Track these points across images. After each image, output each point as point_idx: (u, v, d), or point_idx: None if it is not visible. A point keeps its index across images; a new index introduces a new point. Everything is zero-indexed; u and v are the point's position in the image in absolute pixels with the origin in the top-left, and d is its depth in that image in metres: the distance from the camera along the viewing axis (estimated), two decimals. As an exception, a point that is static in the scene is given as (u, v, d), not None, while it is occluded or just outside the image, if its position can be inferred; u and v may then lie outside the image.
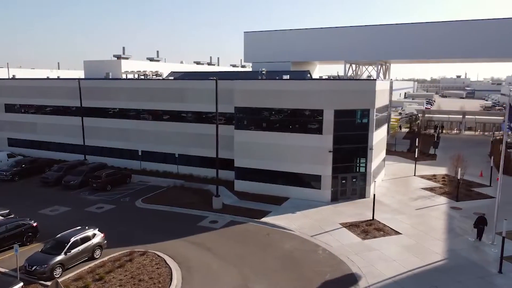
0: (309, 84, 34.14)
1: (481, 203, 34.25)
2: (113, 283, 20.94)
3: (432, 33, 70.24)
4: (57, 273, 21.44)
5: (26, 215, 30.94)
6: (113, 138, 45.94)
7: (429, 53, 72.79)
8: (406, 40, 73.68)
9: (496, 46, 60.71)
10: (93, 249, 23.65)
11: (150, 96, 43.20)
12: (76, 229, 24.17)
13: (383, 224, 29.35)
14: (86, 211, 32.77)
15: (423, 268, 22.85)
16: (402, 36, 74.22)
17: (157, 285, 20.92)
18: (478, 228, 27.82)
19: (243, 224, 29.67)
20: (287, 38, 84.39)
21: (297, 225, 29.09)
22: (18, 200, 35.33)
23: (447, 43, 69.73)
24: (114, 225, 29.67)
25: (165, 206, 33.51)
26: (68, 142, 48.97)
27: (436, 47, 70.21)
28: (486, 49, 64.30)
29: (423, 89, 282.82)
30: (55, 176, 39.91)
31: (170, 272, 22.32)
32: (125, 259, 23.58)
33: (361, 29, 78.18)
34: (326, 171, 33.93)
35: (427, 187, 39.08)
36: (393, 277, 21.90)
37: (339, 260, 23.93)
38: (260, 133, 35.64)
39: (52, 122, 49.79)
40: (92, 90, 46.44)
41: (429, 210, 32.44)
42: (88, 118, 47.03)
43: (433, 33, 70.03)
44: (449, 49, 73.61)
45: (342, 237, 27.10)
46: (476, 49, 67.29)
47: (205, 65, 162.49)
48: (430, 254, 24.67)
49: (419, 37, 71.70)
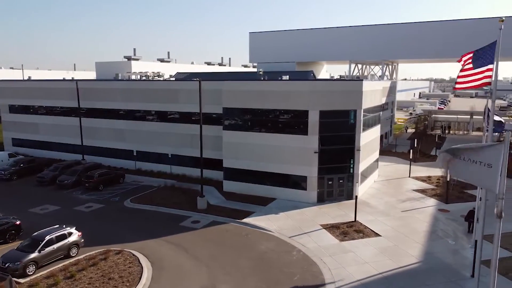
0: (294, 85, 34.06)
1: (472, 206, 33.51)
2: (83, 281, 21.36)
3: (440, 32, 69.11)
4: (30, 271, 22.00)
5: (16, 213, 31.90)
6: (110, 138, 46.72)
7: (437, 53, 71.67)
8: (412, 40, 72.66)
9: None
10: (69, 247, 24.15)
11: (143, 97, 43.76)
12: (53, 227, 24.73)
13: (365, 226, 29.09)
14: (75, 210, 33.44)
15: (394, 271, 22.59)
16: (408, 35, 73.24)
17: (125, 283, 21.26)
18: (469, 221, 28.27)
19: (224, 225, 29.82)
20: (292, 39, 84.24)
21: (277, 226, 29.09)
22: (11, 199, 36.31)
23: (456, 42, 68.48)
24: (98, 224, 30.23)
25: (152, 206, 33.93)
26: (67, 142, 50.02)
27: (444, 46, 69.01)
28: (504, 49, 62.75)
29: (440, 89, 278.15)
30: (50, 175, 40.84)
31: (141, 271, 22.64)
32: (100, 257, 24.01)
33: (365, 29, 77.45)
34: (312, 172, 33.80)
35: (419, 188, 38.53)
36: (362, 279, 21.71)
37: (312, 262, 23.85)
38: (247, 134, 35.74)
39: (53, 123, 50.94)
40: (89, 91, 47.30)
41: (415, 212, 31.99)
42: (85, 119, 47.95)
43: (441, 32, 68.90)
44: (458, 48, 72.25)
45: (320, 239, 26.98)
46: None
47: (216, 65, 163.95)
48: (406, 257, 24.36)
49: (426, 36, 70.62)
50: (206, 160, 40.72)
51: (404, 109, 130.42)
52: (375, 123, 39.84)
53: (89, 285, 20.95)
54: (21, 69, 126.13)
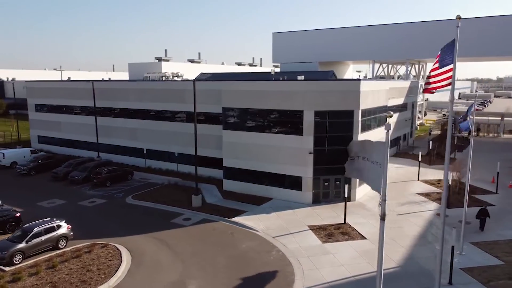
0: (289, 85, 33.98)
1: (472, 211, 32.12)
2: (63, 271, 22.46)
3: (469, 29, 66.28)
4: (17, 260, 23.40)
5: (25, 206, 34.02)
6: (123, 137, 48.44)
7: (466, 51, 68.82)
8: (439, 38, 70.05)
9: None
10: (58, 239, 25.42)
11: (152, 97, 45.06)
12: (44, 220, 26.12)
13: (353, 228, 28.61)
14: (79, 205, 35.03)
15: (368, 275, 22.16)
16: (434, 33, 70.91)
17: (101, 275, 22.15)
18: (480, 219, 28.52)
19: (213, 223, 30.27)
20: (315, 38, 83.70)
21: (264, 226, 29.19)
22: (24, 192, 38.55)
23: (485, 41, 65.60)
24: (96, 218, 31.56)
25: (150, 202, 34.93)
26: (85, 140, 52.31)
27: (474, 44, 66.26)
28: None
29: (483, 89, 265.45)
30: (63, 171, 42.94)
31: (119, 264, 23.48)
32: (85, 250, 25.11)
33: (389, 28, 75.67)
34: (307, 172, 33.59)
35: (424, 192, 37.31)
36: (332, 281, 21.47)
37: (288, 262, 23.81)
38: (246, 134, 36.01)
39: (73, 121, 53.43)
40: (104, 91, 49.25)
41: (410, 216, 31.07)
42: (101, 118, 49.96)
43: (470, 30, 66.06)
44: (487, 46, 69.22)
45: (304, 239, 26.83)
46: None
47: (246, 66, 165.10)
48: (385, 261, 23.70)
49: (453, 35, 67.86)
50: (209, 159, 41.56)
51: (438, 110, 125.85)
52: (381, 124, 38.91)
53: (67, 276, 22.01)
54: (61, 70, 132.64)
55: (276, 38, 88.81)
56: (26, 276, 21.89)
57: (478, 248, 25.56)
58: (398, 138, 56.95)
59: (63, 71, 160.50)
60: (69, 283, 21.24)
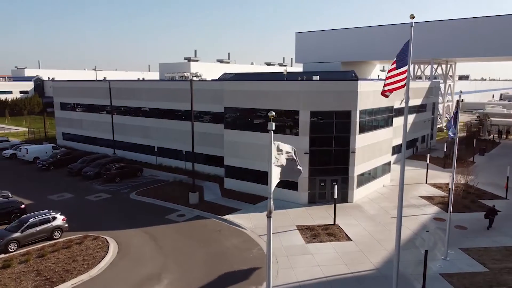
0: (286, 85, 34.06)
1: (473, 216, 31.10)
2: (50, 260, 23.81)
3: (496, 27, 63.54)
4: (12, 248, 25.02)
5: (36, 198, 36.14)
6: (137, 135, 50.14)
7: (494, 51, 65.90)
8: (467, 36, 67.66)
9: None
10: (53, 230, 26.90)
11: (163, 96, 46.37)
12: (41, 212, 27.72)
13: (341, 229, 28.40)
14: (85, 199, 36.73)
15: (341, 276, 22.03)
16: (461, 32, 68.31)
17: (84, 265, 23.30)
18: (489, 218, 28.69)
19: (205, 220, 30.94)
20: (337, 38, 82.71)
21: (253, 224, 29.51)
22: (39, 185, 40.83)
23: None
24: (96, 211, 33.03)
25: (151, 199, 36.08)
26: (103, 137, 54.53)
27: (502, 42, 63.33)
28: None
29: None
30: (78, 167, 45.05)
31: (105, 256, 24.57)
32: (77, 241, 26.44)
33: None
34: (303, 172, 33.48)
35: (428, 195, 36.31)
36: (302, 281, 21.53)
37: (265, 261, 24.02)
38: (245, 133, 36.44)
39: (92, 119, 55.85)
40: (120, 91, 51.15)
41: (406, 220, 30.34)
42: (116, 116, 51.92)
43: (496, 27, 63.27)
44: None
45: (288, 239, 26.94)
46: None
47: (276, 66, 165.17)
48: (364, 263, 23.53)
49: (482, 32, 65.22)
50: (214, 157, 42.34)
51: (474, 111, 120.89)
52: (384, 125, 38.20)
53: (53, 265, 23.32)
54: (96, 70, 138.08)
55: (299, 38, 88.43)
56: (16, 263, 23.39)
57: (466, 254, 24.74)
58: (414, 140, 55.47)
59: (102, 71, 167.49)
60: (53, 272, 22.51)
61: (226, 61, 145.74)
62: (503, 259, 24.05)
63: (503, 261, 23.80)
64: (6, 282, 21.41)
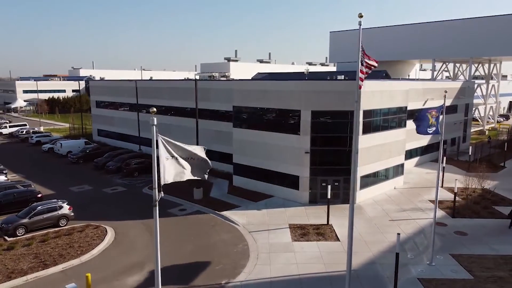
0: (288, 85, 34.23)
1: (478, 222, 29.70)
2: (50, 246, 25.80)
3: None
4: (20, 232, 27.35)
5: (58, 189, 38.97)
6: (159, 132, 52.12)
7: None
8: (509, 34, 63.64)
9: None
10: (59, 218, 29.03)
11: (182, 95, 48.01)
12: (50, 201, 29.99)
13: (333, 230, 28.26)
14: (102, 191, 39.05)
15: (315, 275, 22.08)
16: (502, 30, 64.43)
17: (79, 251, 25.06)
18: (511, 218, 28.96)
19: (203, 215, 31.93)
20: (372, 37, 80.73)
21: (247, 221, 30.06)
22: (64, 177, 43.87)
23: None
24: (106, 203, 35.09)
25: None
26: (131, 134, 57.33)
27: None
28: None
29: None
30: (102, 161, 47.83)
31: (100, 244, 26.24)
32: (79, 229, 28.39)
33: (451, 24, 70.36)
34: (304, 172, 33.61)
35: (438, 199, 34.87)
36: (274, 277, 21.83)
37: (247, 256, 24.59)
38: (251, 132, 37.03)
39: (122, 117, 58.87)
40: (145, 90, 53.58)
41: (403, 223, 29.62)
42: (142, 114, 54.40)
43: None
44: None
45: (276, 237, 27.23)
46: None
47: (317, 65, 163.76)
48: (343, 264, 23.05)
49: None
50: (225, 155, 43.27)
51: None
52: (395, 126, 37.24)
53: (51, 249, 25.27)
54: (141, 70, 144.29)
55: (333, 37, 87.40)
56: (20, 246, 25.60)
57: (455, 260, 23.81)
58: (440, 142, 53.05)
59: (150, 71, 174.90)
60: (49, 255, 24.43)
61: (266, 61, 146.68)
62: (494, 267, 22.89)
63: (494, 269, 22.65)
64: (6, 262, 23.56)
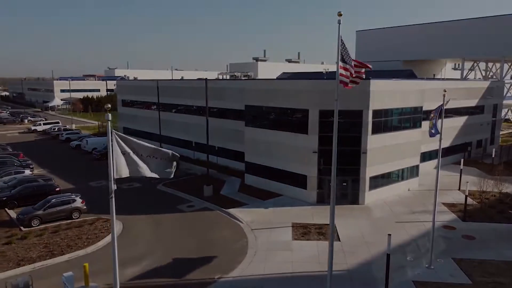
0: (297, 84, 34.28)
1: (490, 227, 28.69)
2: (61, 237, 27.11)
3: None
4: (35, 223, 28.88)
5: (78, 183, 40.71)
6: (178, 130, 53.47)
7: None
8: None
9: None
10: (71, 211, 30.40)
11: (200, 94, 48.83)
12: (64, 194, 31.46)
13: (335, 230, 28.05)
14: (118, 187, 40.24)
15: (308, 274, 22.11)
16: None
17: (86, 243, 26.22)
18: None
19: (210, 211, 32.51)
20: (398, 36, 79.27)
21: (251, 219, 30.34)
22: (85, 172, 45.76)
23: None
24: (120, 198, 36.04)
25: (174, 190, 38.59)
26: (153, 132, 58.91)
27: None
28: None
29: None
30: (123, 158, 49.43)
31: (106, 236, 27.32)
32: (89, 222, 29.64)
33: (479, 22, 67.70)
34: (312, 171, 33.53)
35: (451, 202, 33.99)
36: (266, 274, 22.02)
37: (245, 253, 24.89)
38: (262, 131, 37.29)
39: (145, 115, 60.60)
40: (166, 89, 54.92)
41: (410, 225, 29.02)
42: (162, 112, 55.79)
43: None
44: None
45: (278, 235, 27.38)
46: None
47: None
48: (339, 264, 23.21)
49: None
50: (238, 153, 43.75)
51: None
52: (409, 126, 36.46)
53: (60, 240, 26.57)
54: (172, 70, 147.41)
55: (359, 36, 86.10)
56: (33, 236, 27.06)
57: (456, 264, 23.17)
58: (465, 144, 51.40)
59: (182, 71, 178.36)
60: (58, 246, 25.70)
61: (295, 60, 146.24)
62: (497, 273, 22.10)
63: (495, 275, 21.88)
64: (18, 251, 25.00)
